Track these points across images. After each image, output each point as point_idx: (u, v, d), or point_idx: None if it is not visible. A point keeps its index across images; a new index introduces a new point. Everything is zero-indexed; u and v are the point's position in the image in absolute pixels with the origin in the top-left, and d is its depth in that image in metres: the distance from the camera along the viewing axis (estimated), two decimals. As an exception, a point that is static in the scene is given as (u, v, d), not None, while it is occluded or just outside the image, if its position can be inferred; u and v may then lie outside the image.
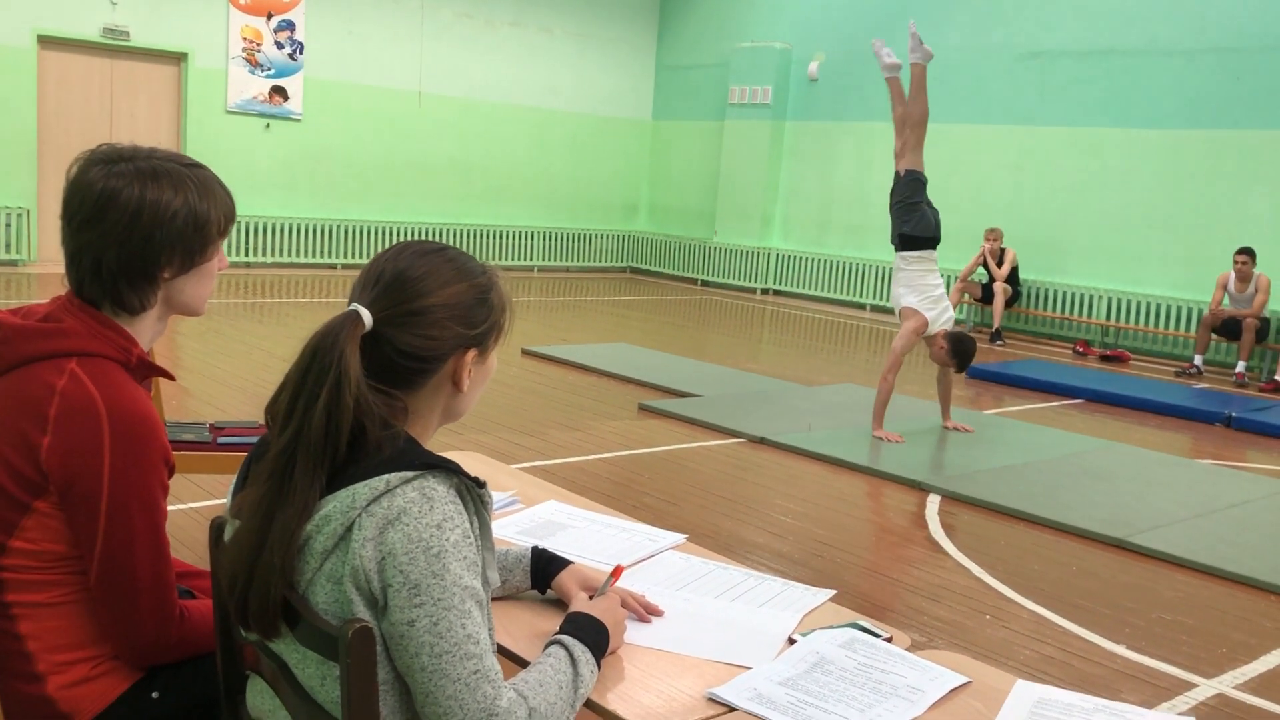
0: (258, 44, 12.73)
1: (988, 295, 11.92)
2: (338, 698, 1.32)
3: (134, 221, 1.64)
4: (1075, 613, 3.97)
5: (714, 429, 6.44)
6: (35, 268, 11.46)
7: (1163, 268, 11.31)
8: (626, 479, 5.33)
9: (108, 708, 1.65)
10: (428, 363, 1.42)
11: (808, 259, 14.45)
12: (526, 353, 8.57)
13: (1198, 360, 10.27)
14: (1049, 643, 3.69)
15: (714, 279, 15.40)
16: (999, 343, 11.57)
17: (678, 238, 16.04)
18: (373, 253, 1.46)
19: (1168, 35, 11.19)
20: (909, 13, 13.25)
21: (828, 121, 14.28)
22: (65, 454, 1.57)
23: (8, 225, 11.36)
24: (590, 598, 1.67)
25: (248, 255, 12.90)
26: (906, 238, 6.47)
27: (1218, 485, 5.90)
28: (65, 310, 1.67)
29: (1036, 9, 12.22)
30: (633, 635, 1.69)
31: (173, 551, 1.71)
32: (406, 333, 1.40)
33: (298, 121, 13.13)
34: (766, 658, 1.64)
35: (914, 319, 6.41)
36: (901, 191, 6.56)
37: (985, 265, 11.92)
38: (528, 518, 2.22)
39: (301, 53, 13.05)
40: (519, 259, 15.27)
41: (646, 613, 1.76)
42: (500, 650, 1.59)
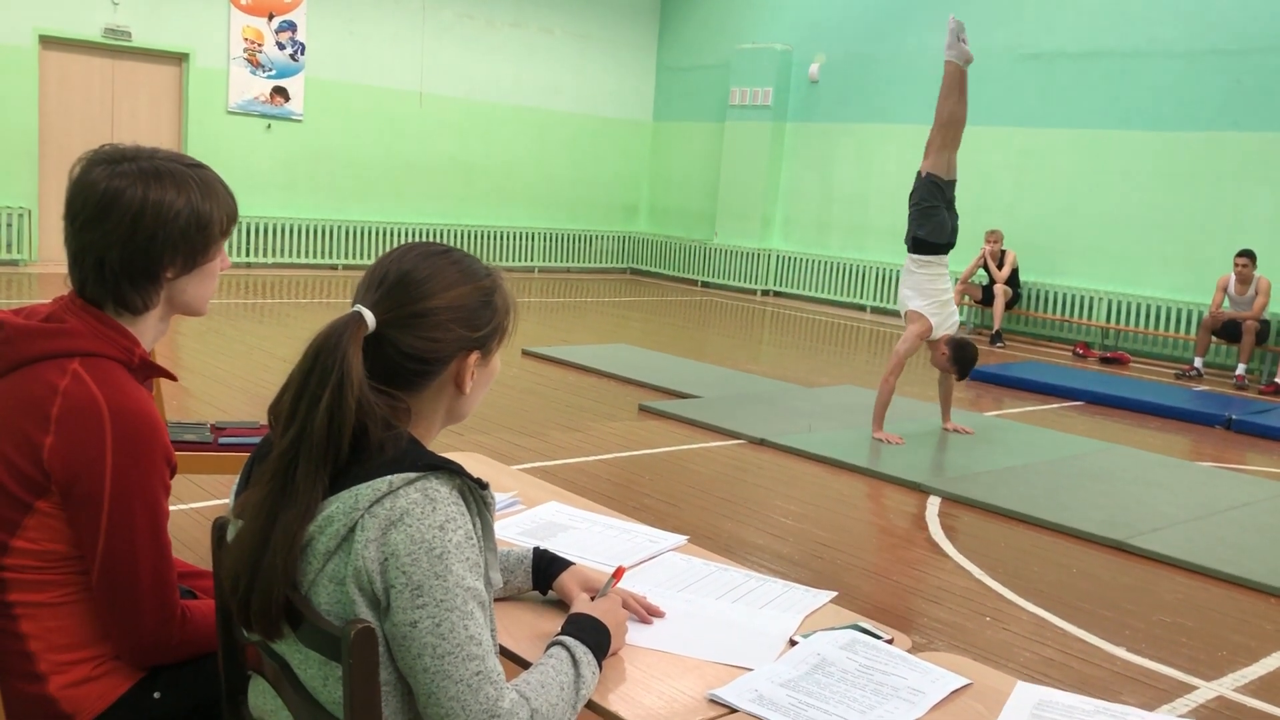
0: (259, 44, 12.74)
1: (988, 297, 11.92)
2: (340, 698, 1.32)
3: (137, 221, 1.64)
4: (1075, 615, 3.97)
5: (714, 430, 6.44)
6: (36, 268, 11.46)
7: (1163, 270, 11.31)
8: (627, 480, 5.33)
9: (109, 708, 1.65)
10: (431, 364, 1.43)
11: (808, 260, 14.45)
12: (527, 353, 8.58)
13: (1198, 362, 10.27)
14: (1049, 645, 3.69)
15: (714, 280, 15.41)
16: (999, 345, 11.57)
17: (678, 239, 16.05)
18: (374, 253, 1.48)
19: (1168, 37, 11.20)
20: (909, 15, 13.28)
21: (828, 123, 14.29)
22: (67, 454, 1.57)
23: (9, 225, 11.37)
24: (592, 599, 1.67)
25: (249, 256, 12.90)
26: (920, 241, 6.42)
27: (1218, 487, 5.90)
28: (68, 310, 1.67)
29: (1037, 10, 12.22)
30: (634, 636, 1.69)
31: (174, 552, 1.72)
32: (410, 334, 1.40)
33: (299, 122, 13.14)
34: (768, 659, 1.64)
35: (919, 323, 6.39)
36: (920, 193, 6.47)
37: (985, 267, 11.93)
38: (529, 519, 2.22)
39: (303, 53, 13.05)
40: (519, 260, 15.27)
41: (648, 614, 1.76)
42: (502, 651, 1.59)
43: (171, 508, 4.39)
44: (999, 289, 11.75)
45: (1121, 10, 11.55)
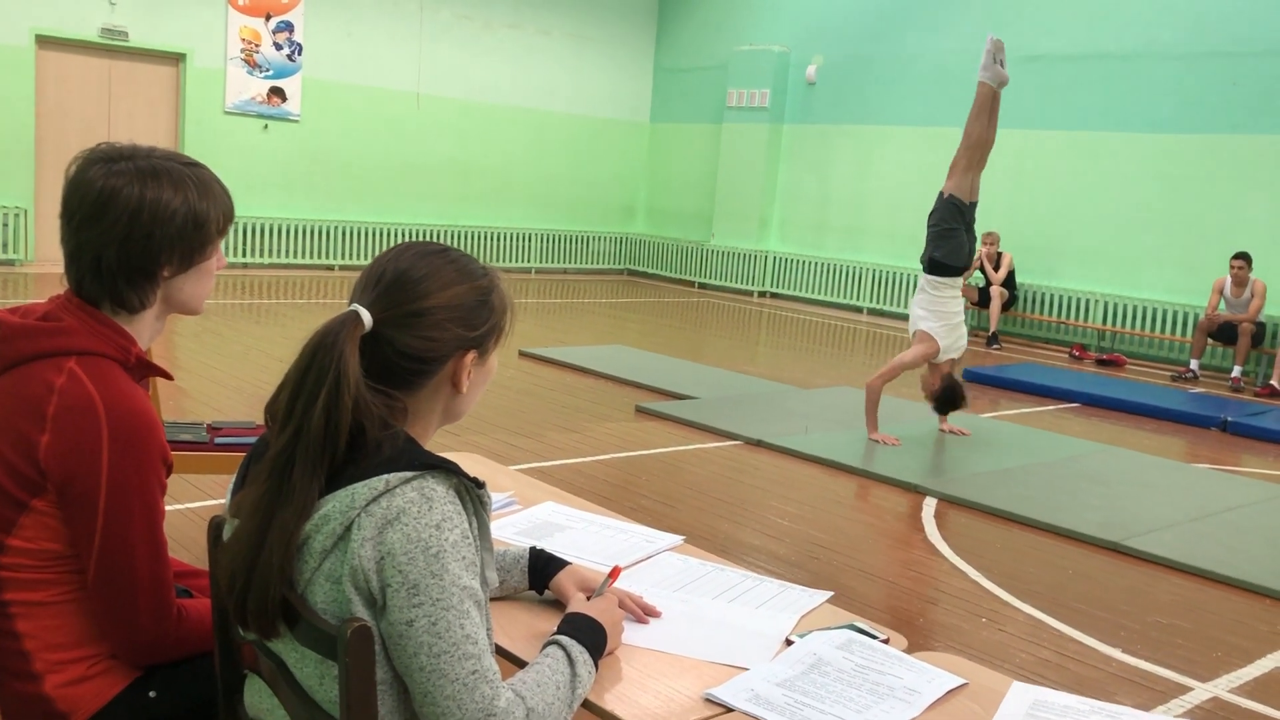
0: (256, 45, 12.74)
1: (984, 299, 11.93)
2: (336, 697, 1.32)
3: (134, 220, 1.64)
4: (1071, 616, 3.97)
5: (711, 431, 6.44)
6: (33, 268, 11.45)
7: (1159, 272, 11.33)
8: (624, 481, 5.33)
9: (105, 707, 1.65)
10: (427, 364, 1.43)
11: (805, 262, 14.46)
12: (524, 354, 8.57)
13: (1194, 365, 10.29)
14: (1045, 646, 3.69)
15: (711, 281, 15.41)
16: (995, 346, 11.58)
17: (675, 240, 16.05)
18: (371, 254, 1.47)
19: (1166, 39, 11.22)
20: (907, 17, 13.28)
21: (825, 125, 14.30)
22: (63, 453, 1.57)
23: (5, 225, 11.35)
24: (588, 598, 1.67)
25: (246, 256, 12.89)
26: (936, 263, 6.34)
27: (1213, 489, 5.91)
28: (64, 309, 1.67)
29: (1035, 13, 12.24)
30: (630, 636, 1.69)
31: (170, 552, 1.72)
32: (406, 334, 1.40)
33: (296, 122, 13.13)
34: (764, 659, 1.65)
35: (927, 344, 6.35)
36: (940, 214, 6.40)
37: (982, 269, 11.94)
38: (525, 518, 2.22)
39: (300, 54, 13.05)
40: (517, 261, 15.27)
41: (644, 613, 1.76)
42: (498, 651, 1.59)
43: (167, 508, 4.39)
44: (995, 291, 11.76)
45: (1119, 13, 11.57)
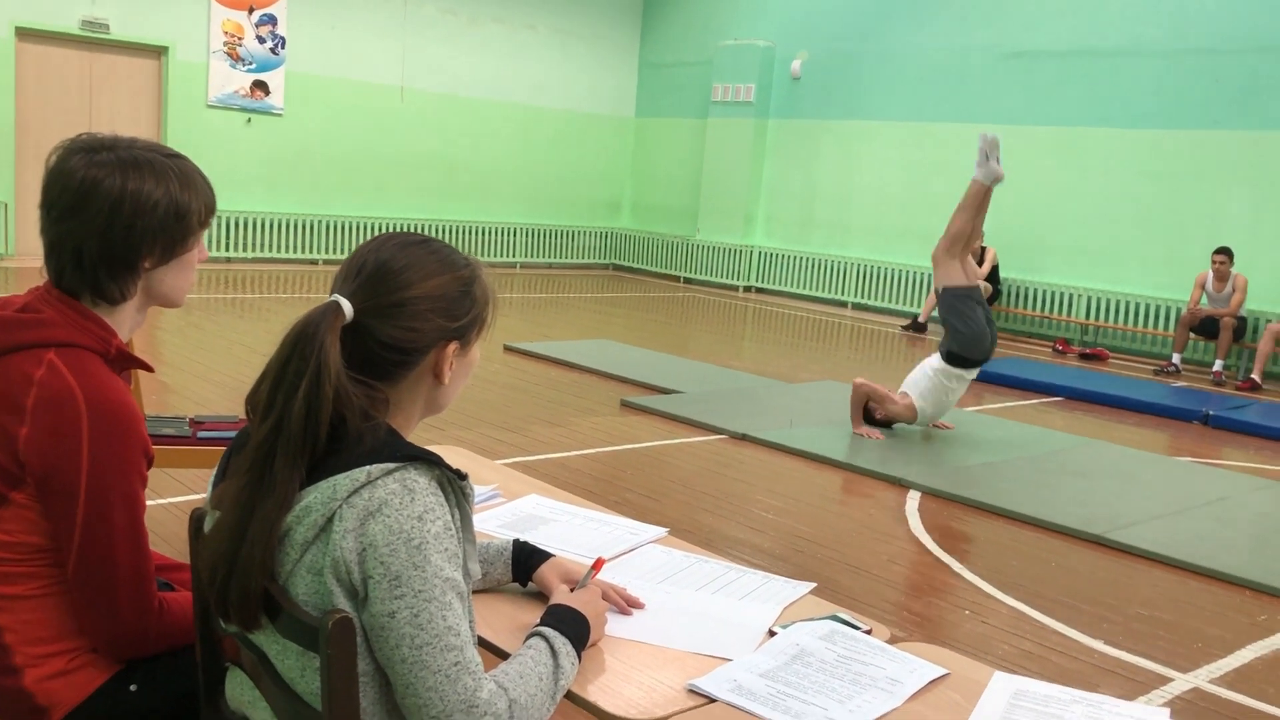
0: (239, 38, 12.67)
1: (969, 294, 11.96)
2: (318, 689, 1.32)
3: (115, 211, 1.64)
4: (1054, 608, 3.99)
5: (696, 425, 6.45)
6: (13, 262, 11.37)
7: (1142, 267, 11.39)
8: (608, 475, 5.33)
9: (85, 700, 1.64)
10: (409, 355, 1.42)
11: (790, 257, 14.48)
12: (509, 349, 8.56)
13: (1176, 359, 10.35)
14: (1027, 638, 3.71)
15: (696, 276, 15.42)
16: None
17: (661, 235, 16.05)
18: (355, 249, 1.47)
19: (1149, 36, 11.26)
20: (891, 12, 13.30)
21: (810, 120, 14.31)
22: (43, 445, 1.56)
23: (-15, 219, 11.28)
24: (571, 590, 1.67)
25: (229, 250, 12.84)
26: (953, 355, 6.24)
27: (1195, 482, 5.94)
28: (44, 301, 1.66)
29: (1020, 9, 12.27)
30: (614, 627, 1.69)
31: (153, 546, 1.71)
32: (388, 324, 1.40)
33: (279, 116, 13.07)
34: (747, 650, 1.65)
35: (909, 408, 6.38)
36: (945, 307, 6.29)
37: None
38: (509, 511, 2.22)
39: (283, 47, 12.98)
40: (502, 255, 15.24)
41: (628, 605, 1.76)
42: (481, 642, 1.58)
43: (150, 502, 4.37)
44: (979, 285, 11.79)
45: (1103, 10, 11.61)
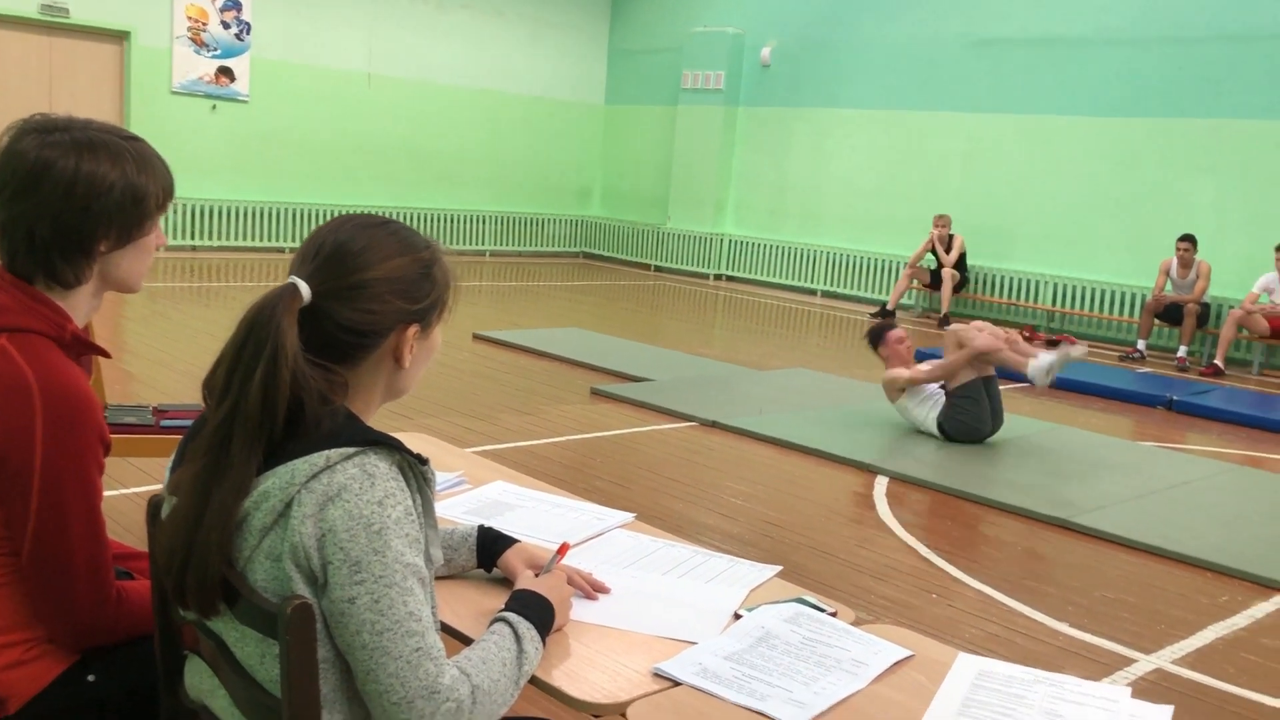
0: (203, 23, 12.51)
1: (936, 281, 12.04)
2: (277, 676, 1.30)
3: (69, 193, 1.61)
4: (1020, 591, 4.03)
5: (666, 413, 6.45)
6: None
7: (1108, 254, 11.49)
8: (578, 463, 5.32)
9: (42, 691, 1.61)
10: (368, 337, 1.41)
11: (760, 245, 14.50)
12: (478, 337, 8.53)
13: (1141, 345, 10.45)
14: (994, 621, 3.74)
15: (667, 264, 15.42)
16: (947, 328, 11.67)
17: (631, 223, 16.03)
18: (313, 230, 1.44)
19: (1115, 24, 11.35)
20: (860, 1, 13.32)
21: (780, 108, 14.32)
22: (-4, 432, 1.53)
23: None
24: (536, 575, 1.66)
25: (194, 238, 12.70)
26: (944, 430, 6.13)
27: (1159, 467, 6.01)
28: (-4, 285, 1.63)
29: (986, -3, 12.34)
30: (579, 612, 1.68)
31: (115, 536, 1.69)
32: (346, 306, 1.38)
33: (245, 103, 12.93)
34: (712, 633, 1.65)
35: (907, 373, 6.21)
36: (957, 397, 6.11)
37: (934, 251, 12.04)
38: (475, 498, 2.20)
39: (248, 33, 12.84)
40: (471, 243, 15.17)
41: (593, 590, 1.75)
42: (446, 629, 1.57)
43: (113, 492, 4.31)
44: (947, 273, 11.87)
45: (1069, -3, 11.69)
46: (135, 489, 4.26)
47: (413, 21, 14.22)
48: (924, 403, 6.25)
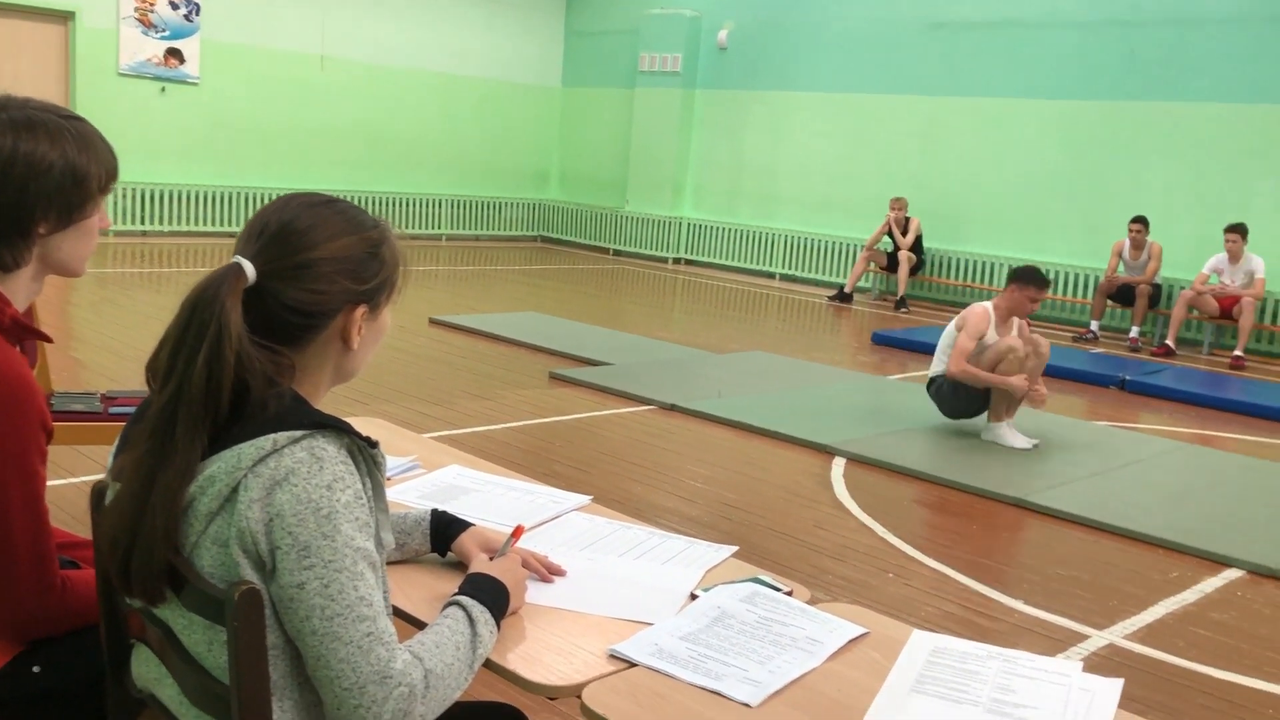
0: (151, 4, 12.27)
1: (893, 264, 12.11)
2: (226, 663, 1.28)
3: (6, 173, 1.57)
4: (975, 570, 4.07)
5: (625, 396, 6.44)
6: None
7: (1062, 236, 11.62)
8: (537, 447, 5.30)
9: (-14, 683, 1.58)
10: (315, 318, 1.38)
11: (718, 228, 14.51)
12: (434, 322, 8.47)
13: (1094, 326, 10.59)
14: (950, 599, 3.78)
15: (625, 248, 15.39)
16: (904, 310, 11.78)
17: (589, 206, 15.97)
18: (258, 210, 1.38)
19: (1068, 8, 11.44)
20: (817, -18, 13.32)
21: (738, 90, 14.31)
22: (-68, 419, 1.49)
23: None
24: (491, 559, 1.65)
25: (144, 223, 12.49)
26: (939, 393, 5.97)
27: (1112, 446, 6.09)
28: (-70, 268, 1.59)
29: (941, -20, 12.39)
30: (534, 595, 1.67)
31: (63, 526, 1.65)
32: (292, 286, 1.35)
33: (195, 85, 12.72)
34: (668, 614, 1.64)
35: (971, 311, 5.86)
36: (964, 387, 5.89)
37: (890, 234, 12.10)
38: (429, 482, 2.18)
39: (198, 14, 12.61)
40: (427, 227, 15.05)
41: (549, 573, 1.74)
42: (399, 613, 1.56)
43: (61, 480, 4.23)
44: (903, 255, 11.94)
45: (1022, -19, 11.77)
46: (84, 478, 4.19)
47: (367, 3, 14.04)
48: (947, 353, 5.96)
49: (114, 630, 1.51)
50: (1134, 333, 10.31)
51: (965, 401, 5.93)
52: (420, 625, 1.52)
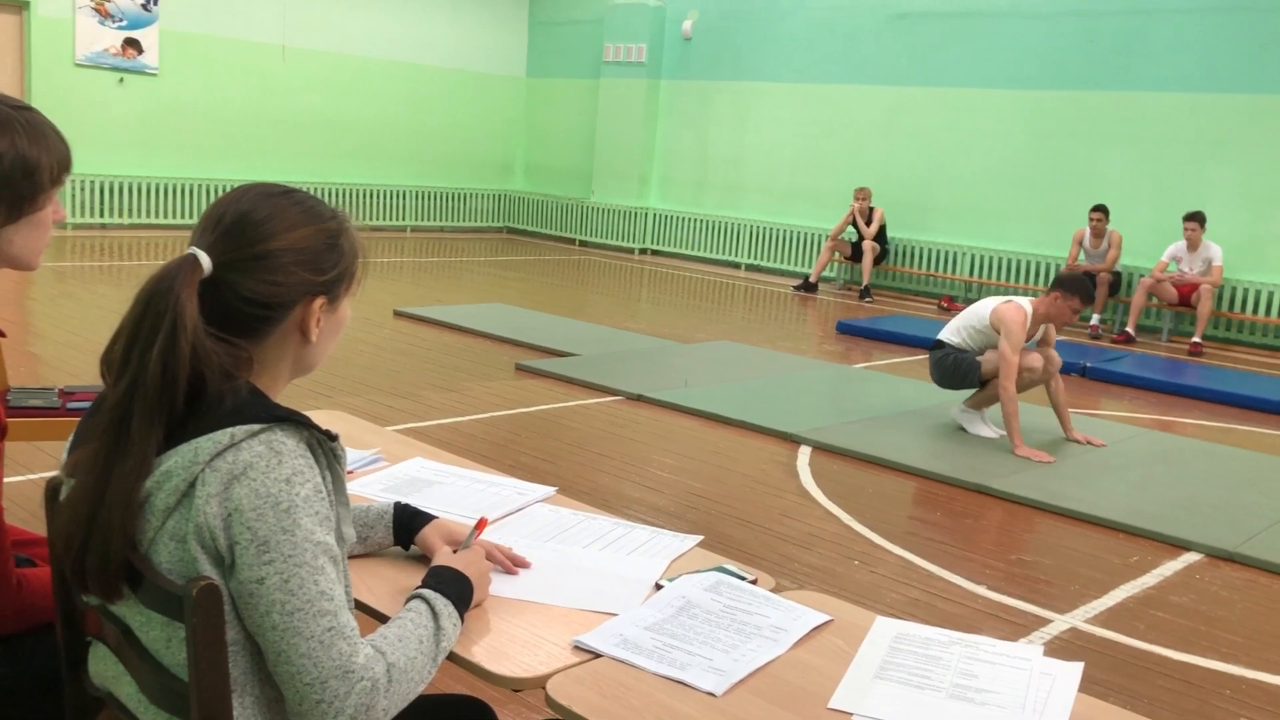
0: (108, -7, 12.09)
1: (857, 253, 12.17)
2: (185, 660, 1.27)
3: None
4: (939, 556, 4.10)
5: (592, 387, 6.43)
6: None
7: (1024, 225, 11.72)
8: (503, 439, 5.29)
9: (-60, 683, 1.56)
10: (273, 310, 1.36)
11: (684, 219, 14.52)
12: (399, 314, 8.42)
13: (1056, 314, 10.67)
14: (914, 586, 3.80)
15: (592, 239, 15.36)
16: (868, 300, 11.84)
17: (555, 197, 15.93)
18: (215, 200, 1.36)
19: (1028, -1, 11.54)
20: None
21: (703, 80, 14.31)
22: (-119, 416, 1.46)
23: None
24: (454, 551, 1.64)
25: (103, 216, 12.32)
26: (960, 361, 5.89)
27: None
28: (-123, 262, 1.55)
29: (904, -30, 12.43)
30: (499, 587, 1.66)
31: (20, 524, 1.62)
32: (250, 278, 1.34)
33: (154, 76, 12.55)
34: (633, 604, 1.64)
35: (1010, 311, 5.61)
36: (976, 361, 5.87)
37: (854, 224, 12.16)
38: (392, 475, 2.17)
39: (156, 3, 12.44)
40: (392, 219, 14.95)
41: (513, 564, 1.74)
42: (363, 607, 1.55)
43: (19, 477, 4.17)
44: (867, 245, 12.00)
45: (984, -29, 11.83)
46: (42, 474, 4.13)
47: (328, -8, 13.91)
48: (979, 335, 5.86)
49: (71, 628, 1.48)
50: (1094, 320, 10.43)
51: (964, 380, 5.91)
52: (383, 619, 1.51)
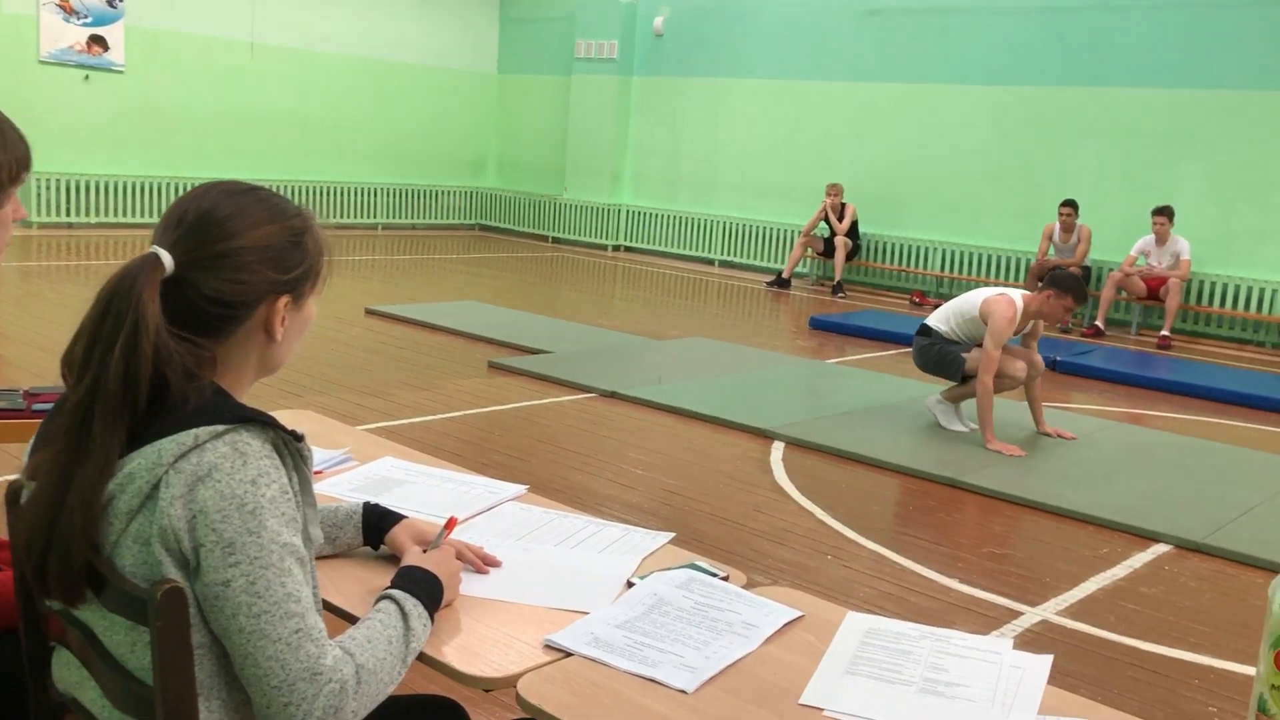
0: (72, -11, 11.95)
1: (829, 249, 12.21)
2: (149, 664, 1.25)
3: None
4: (911, 550, 4.12)
5: (565, 384, 6.42)
6: None
7: (995, 220, 11.79)
8: (476, 437, 5.27)
9: (-100, 691, 1.53)
10: (236, 309, 1.35)
11: (657, 215, 14.52)
12: (371, 312, 8.37)
13: (1026, 308, 10.75)
14: (887, 580, 3.82)
15: (565, 236, 15.33)
16: (840, 295, 11.88)
17: (527, 194, 15.88)
18: (177, 198, 1.35)
19: (997, -5, 11.60)
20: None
21: (675, 77, 14.31)
22: None
23: None
24: (424, 551, 1.63)
25: (69, 215, 12.18)
26: (954, 352, 5.86)
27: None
28: None
29: (874, -33, 12.47)
30: (470, 587, 1.65)
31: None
32: (213, 276, 1.32)
33: (120, 73, 12.41)
34: (605, 602, 1.64)
35: (1000, 306, 5.58)
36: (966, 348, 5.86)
37: (826, 220, 12.20)
38: (361, 475, 2.15)
39: (122, 0, 12.30)
40: (363, 216, 14.86)
41: (484, 564, 1.73)
42: (332, 608, 1.53)
43: (-20, 480, 4.08)
44: (839, 241, 12.04)
45: (953, -33, 11.89)
46: (5, 476, 4.07)
47: (297, -12, 13.81)
48: (968, 325, 5.86)
49: (33, 633, 1.46)
50: (1065, 314, 10.50)
51: (945, 372, 5.90)
52: (353, 620, 1.50)
